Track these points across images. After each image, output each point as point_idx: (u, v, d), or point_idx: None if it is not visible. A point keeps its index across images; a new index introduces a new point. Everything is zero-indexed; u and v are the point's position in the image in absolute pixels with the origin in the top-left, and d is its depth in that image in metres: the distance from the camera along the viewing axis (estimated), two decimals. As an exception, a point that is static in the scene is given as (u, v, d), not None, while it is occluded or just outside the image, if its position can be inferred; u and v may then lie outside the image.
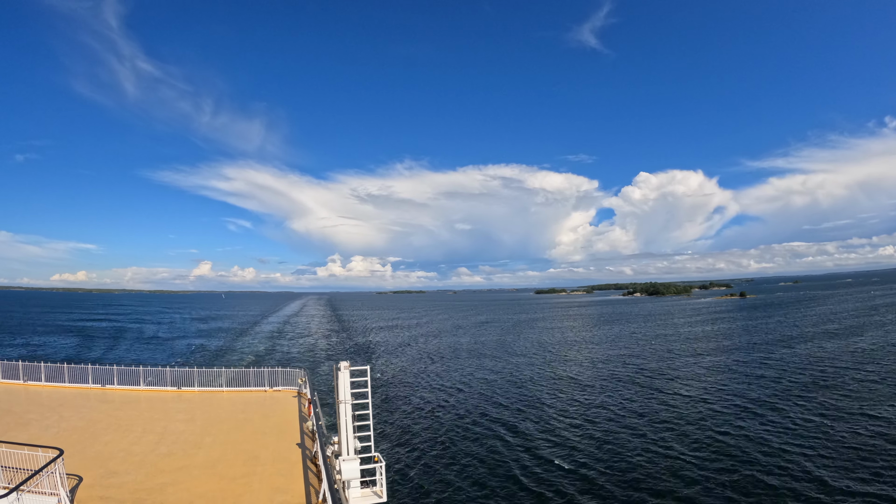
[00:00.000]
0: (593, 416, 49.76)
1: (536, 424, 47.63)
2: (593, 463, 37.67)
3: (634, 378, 67.86)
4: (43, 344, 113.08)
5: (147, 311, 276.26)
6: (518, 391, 62.18)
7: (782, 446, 39.27)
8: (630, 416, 49.53)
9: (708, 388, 59.68)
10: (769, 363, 74.63)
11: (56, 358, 59.35)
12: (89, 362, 36.42)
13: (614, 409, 52.39)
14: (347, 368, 19.66)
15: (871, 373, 63.89)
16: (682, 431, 43.90)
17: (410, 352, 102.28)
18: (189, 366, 38.36)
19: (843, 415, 46.77)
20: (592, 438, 43.09)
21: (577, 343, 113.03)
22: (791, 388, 57.76)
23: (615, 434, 43.98)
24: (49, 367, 35.28)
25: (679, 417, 48.27)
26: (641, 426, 45.94)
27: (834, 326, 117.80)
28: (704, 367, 74.48)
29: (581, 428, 46.16)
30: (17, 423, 24.96)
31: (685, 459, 37.39)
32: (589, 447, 40.98)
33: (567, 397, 58.29)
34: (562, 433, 44.85)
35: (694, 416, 48.68)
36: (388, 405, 56.38)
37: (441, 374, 75.91)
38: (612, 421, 47.97)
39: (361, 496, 19.19)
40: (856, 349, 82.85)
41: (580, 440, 42.85)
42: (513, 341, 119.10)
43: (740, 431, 43.16)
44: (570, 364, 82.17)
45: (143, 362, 68.28)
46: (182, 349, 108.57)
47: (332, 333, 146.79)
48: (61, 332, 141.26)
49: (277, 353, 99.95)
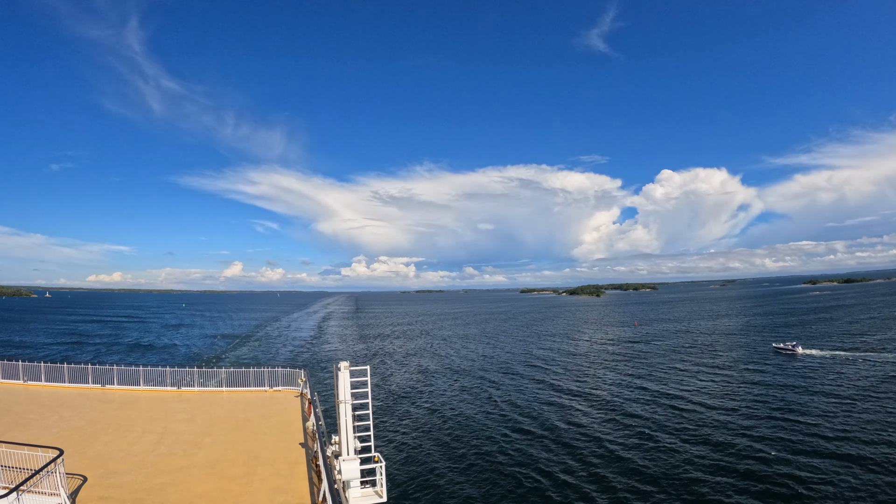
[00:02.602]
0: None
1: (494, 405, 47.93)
2: (593, 464, 37.69)
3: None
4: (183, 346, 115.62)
5: (253, 308, 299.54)
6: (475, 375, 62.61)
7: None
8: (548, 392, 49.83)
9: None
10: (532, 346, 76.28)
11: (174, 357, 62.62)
12: (89, 362, 36.44)
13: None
14: (347, 368, 19.62)
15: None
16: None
17: (410, 341, 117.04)
18: (189, 366, 38.36)
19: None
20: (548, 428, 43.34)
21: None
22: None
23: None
24: (49, 367, 35.29)
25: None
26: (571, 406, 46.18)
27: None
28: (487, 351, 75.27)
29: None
30: (17, 423, 24.95)
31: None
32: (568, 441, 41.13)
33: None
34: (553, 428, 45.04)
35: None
36: (388, 403, 56.46)
37: (429, 355, 76.74)
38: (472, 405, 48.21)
39: (361, 496, 19.15)
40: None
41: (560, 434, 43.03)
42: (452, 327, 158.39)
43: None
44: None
45: (145, 363, 68.30)
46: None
47: (356, 321, 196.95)
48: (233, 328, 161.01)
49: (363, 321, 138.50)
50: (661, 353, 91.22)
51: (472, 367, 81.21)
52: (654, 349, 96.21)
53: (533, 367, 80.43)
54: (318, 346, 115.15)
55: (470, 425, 48.25)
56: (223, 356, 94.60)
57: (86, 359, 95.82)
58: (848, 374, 64.48)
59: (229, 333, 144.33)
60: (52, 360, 36.72)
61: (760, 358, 79.73)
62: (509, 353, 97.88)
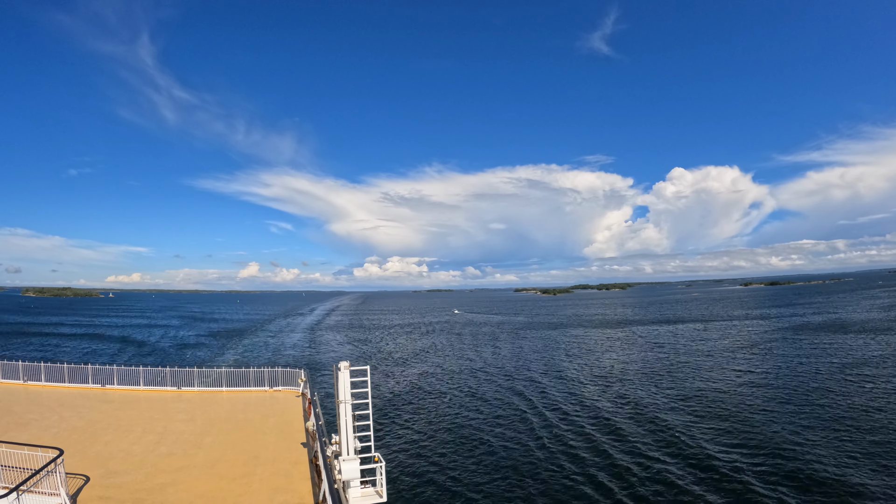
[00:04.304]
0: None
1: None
2: (596, 463, 37.71)
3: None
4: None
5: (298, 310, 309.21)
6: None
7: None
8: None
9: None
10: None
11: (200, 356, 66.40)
12: (89, 362, 36.47)
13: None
14: (347, 368, 19.62)
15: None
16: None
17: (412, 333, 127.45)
18: (189, 366, 38.40)
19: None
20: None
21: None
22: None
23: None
24: (49, 367, 35.33)
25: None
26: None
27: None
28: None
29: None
30: (17, 423, 24.97)
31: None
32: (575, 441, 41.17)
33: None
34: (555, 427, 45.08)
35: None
36: (388, 402, 56.47)
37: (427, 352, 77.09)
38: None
39: (361, 496, 19.15)
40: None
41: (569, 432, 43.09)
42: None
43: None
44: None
45: (145, 363, 68.41)
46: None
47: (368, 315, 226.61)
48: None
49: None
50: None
51: (471, 368, 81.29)
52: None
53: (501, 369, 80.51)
54: (319, 342, 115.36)
55: (470, 425, 48.24)
56: (323, 326, 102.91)
57: (217, 345, 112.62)
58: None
59: (321, 316, 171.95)
60: (51, 361, 36.76)
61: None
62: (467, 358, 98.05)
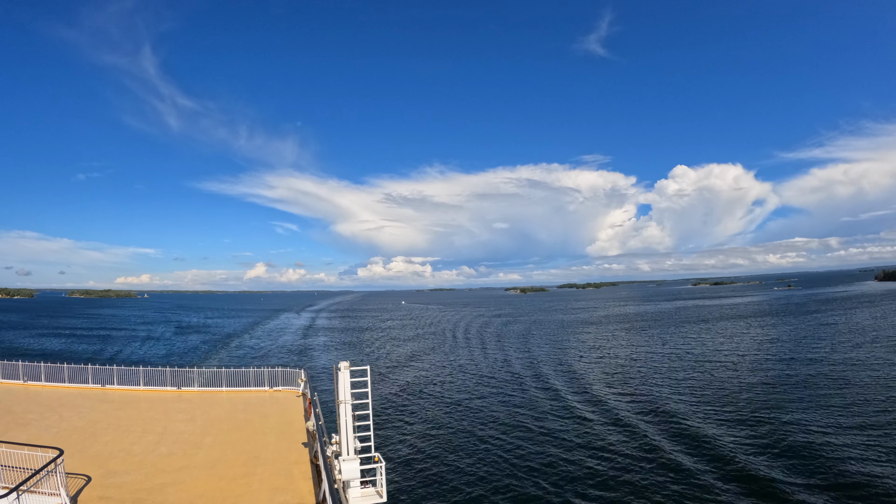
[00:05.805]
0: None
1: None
2: (596, 463, 37.71)
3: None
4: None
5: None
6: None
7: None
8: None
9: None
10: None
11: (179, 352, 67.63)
12: (90, 362, 36.47)
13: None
14: (347, 368, 19.61)
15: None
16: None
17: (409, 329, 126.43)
18: (189, 366, 38.40)
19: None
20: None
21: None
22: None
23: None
24: (49, 367, 35.32)
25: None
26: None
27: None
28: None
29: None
30: (17, 423, 24.97)
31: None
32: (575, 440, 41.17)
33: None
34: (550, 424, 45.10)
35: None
36: (387, 401, 56.50)
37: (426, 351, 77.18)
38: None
39: (361, 496, 19.16)
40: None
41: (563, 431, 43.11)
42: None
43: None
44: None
45: (145, 362, 68.49)
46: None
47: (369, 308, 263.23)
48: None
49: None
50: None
51: (471, 368, 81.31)
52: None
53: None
54: (322, 337, 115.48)
55: (470, 425, 48.25)
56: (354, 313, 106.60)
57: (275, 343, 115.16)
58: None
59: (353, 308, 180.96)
60: (52, 360, 36.75)
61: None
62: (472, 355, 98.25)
